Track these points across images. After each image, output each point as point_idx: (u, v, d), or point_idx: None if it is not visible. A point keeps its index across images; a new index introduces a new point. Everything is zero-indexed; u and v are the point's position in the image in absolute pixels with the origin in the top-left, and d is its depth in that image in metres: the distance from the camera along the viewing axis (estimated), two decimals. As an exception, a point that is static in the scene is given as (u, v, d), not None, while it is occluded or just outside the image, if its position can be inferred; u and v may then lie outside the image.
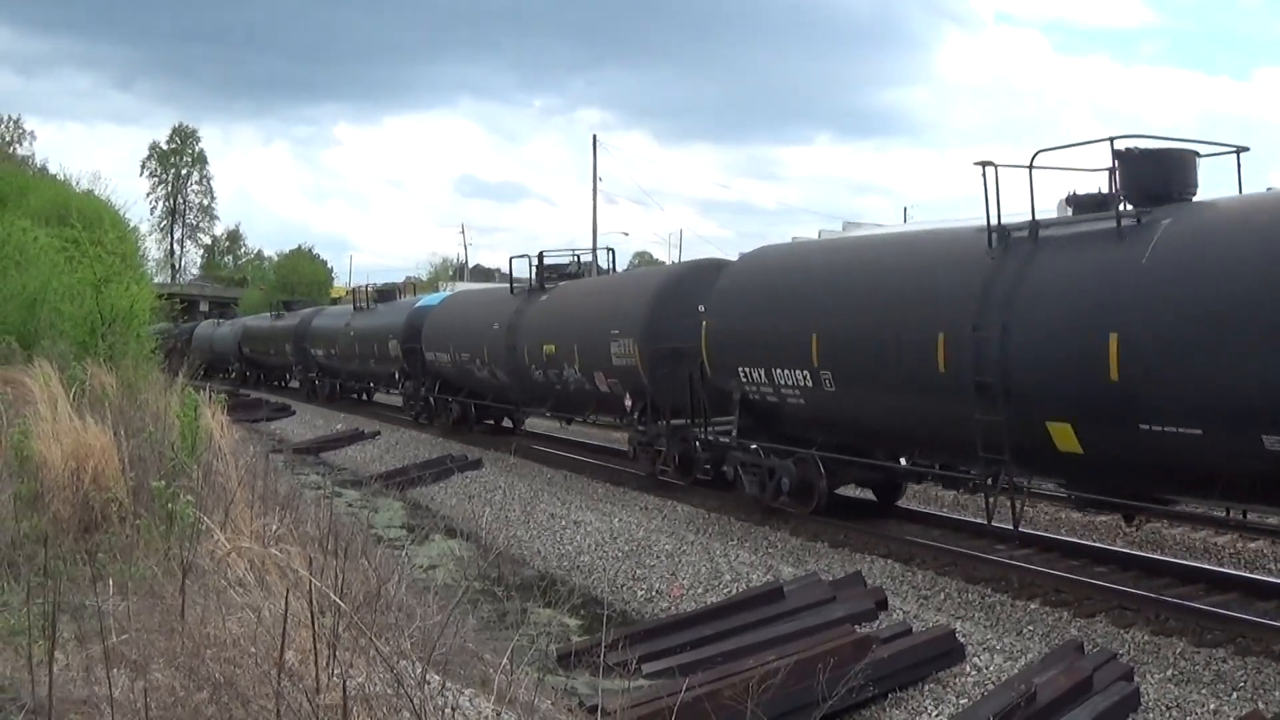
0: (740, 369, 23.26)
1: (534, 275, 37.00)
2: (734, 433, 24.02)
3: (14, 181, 51.60)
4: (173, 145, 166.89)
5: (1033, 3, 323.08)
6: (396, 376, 47.90)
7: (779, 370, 22.07)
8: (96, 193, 60.32)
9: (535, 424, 43.37)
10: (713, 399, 24.98)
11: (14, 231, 37.91)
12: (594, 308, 31.16)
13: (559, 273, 37.84)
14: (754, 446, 23.44)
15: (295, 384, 69.07)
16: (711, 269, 27.61)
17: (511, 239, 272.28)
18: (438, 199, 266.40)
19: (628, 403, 28.69)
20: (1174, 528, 20.70)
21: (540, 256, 37.70)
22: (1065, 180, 18.77)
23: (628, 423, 30.15)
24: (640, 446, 28.60)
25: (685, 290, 27.26)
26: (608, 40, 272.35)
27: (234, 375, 79.64)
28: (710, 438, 25.26)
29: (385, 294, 57.15)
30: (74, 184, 62.78)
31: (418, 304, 48.40)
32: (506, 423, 43.14)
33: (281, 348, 67.10)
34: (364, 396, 60.03)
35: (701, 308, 25.29)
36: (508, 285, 39.55)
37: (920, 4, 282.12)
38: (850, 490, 23.87)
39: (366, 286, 58.48)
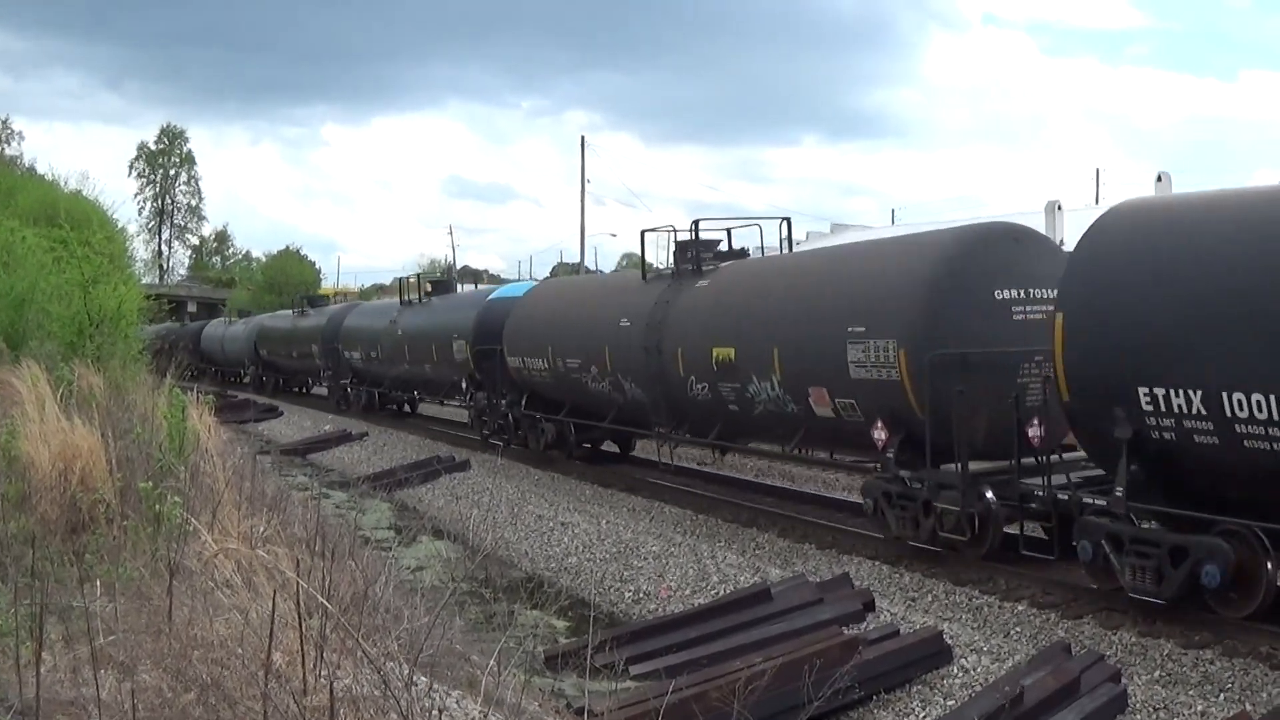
0: (1140, 390, 14.80)
1: (679, 255, 27.42)
2: (1120, 491, 15.55)
3: (2, 181, 51.60)
4: (161, 146, 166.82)
5: (1019, 4, 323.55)
6: (465, 386, 39.20)
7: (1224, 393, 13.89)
8: (85, 193, 60.05)
9: (646, 448, 32.86)
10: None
11: (2, 232, 37.83)
12: (810, 296, 21.99)
13: (710, 251, 27.64)
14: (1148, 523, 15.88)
15: (323, 391, 61.93)
16: (1009, 238, 20.06)
17: (499, 240, 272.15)
18: (425, 200, 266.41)
19: (879, 435, 19.83)
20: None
21: (695, 228, 27.51)
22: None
23: (878, 463, 20.49)
24: (896, 501, 19.84)
25: (976, 268, 19.28)
26: (596, 42, 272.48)
27: (248, 381, 74.11)
28: (1059, 494, 17.12)
29: (441, 285, 48.65)
30: (62, 184, 62.57)
31: (492, 296, 40.00)
32: (608, 446, 34.05)
33: (306, 349, 60.13)
34: (408, 408, 52.09)
35: (1051, 292, 17.67)
36: (629, 270, 35.07)
37: (907, 5, 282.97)
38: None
39: (417, 277, 48.38)
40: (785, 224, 28.55)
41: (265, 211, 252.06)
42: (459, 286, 51.17)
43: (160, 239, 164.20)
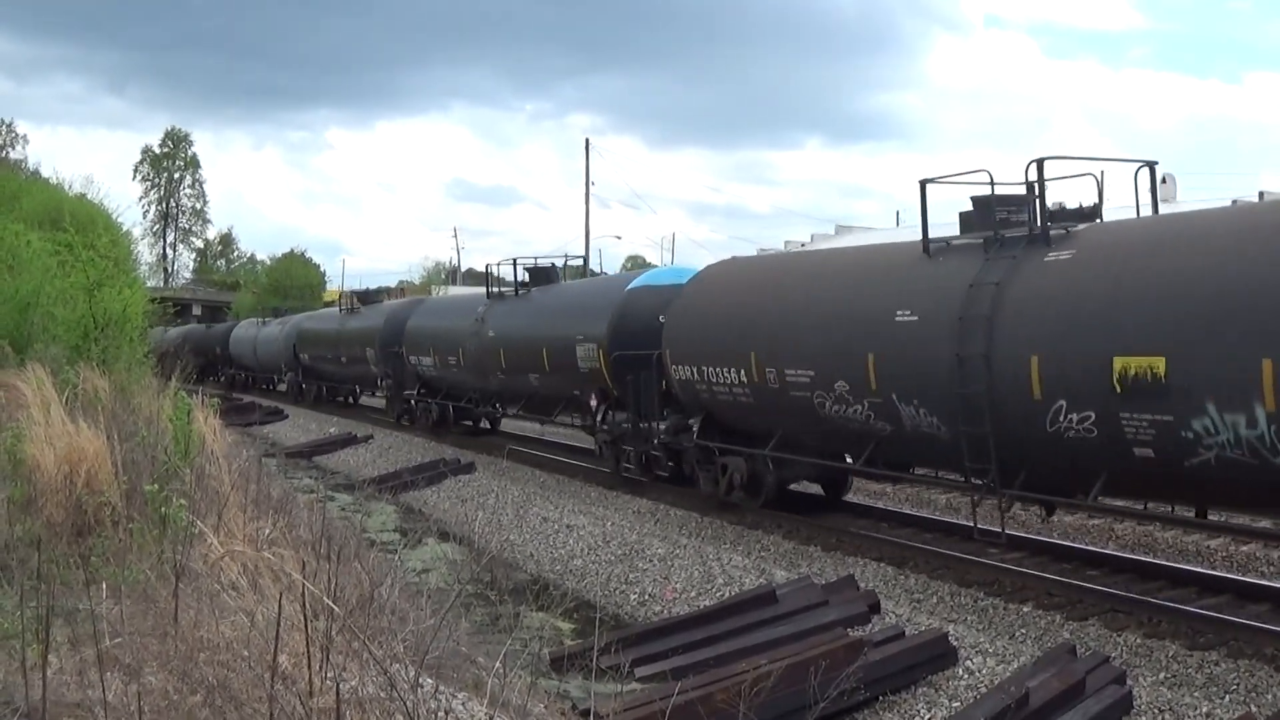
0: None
1: (982, 214, 18.85)
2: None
3: (7, 185, 51.60)
4: (165, 149, 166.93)
5: (1021, 6, 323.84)
6: (594, 404, 30.25)
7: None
8: (89, 196, 60.15)
9: (864, 489, 27.59)
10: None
11: (7, 235, 37.87)
12: None
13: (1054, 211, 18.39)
14: None
15: (378, 402, 54.05)
16: None
17: (503, 243, 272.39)
18: (429, 203, 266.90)
19: None
20: (1166, 530, 20.71)
21: (1040, 170, 18.00)
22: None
23: None
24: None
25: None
26: (599, 45, 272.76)
27: (285, 389, 67.61)
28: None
29: (541, 274, 37.49)
30: (67, 188, 62.64)
31: (635, 284, 30.37)
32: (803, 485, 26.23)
33: (358, 353, 51.16)
34: (488, 424, 44.69)
35: None
36: (887, 245, 24.95)
37: (909, 8, 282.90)
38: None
39: (513, 263, 37.87)
40: (1150, 171, 18.62)
41: (269, 214, 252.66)
42: (560, 275, 38.30)
43: (165, 242, 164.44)
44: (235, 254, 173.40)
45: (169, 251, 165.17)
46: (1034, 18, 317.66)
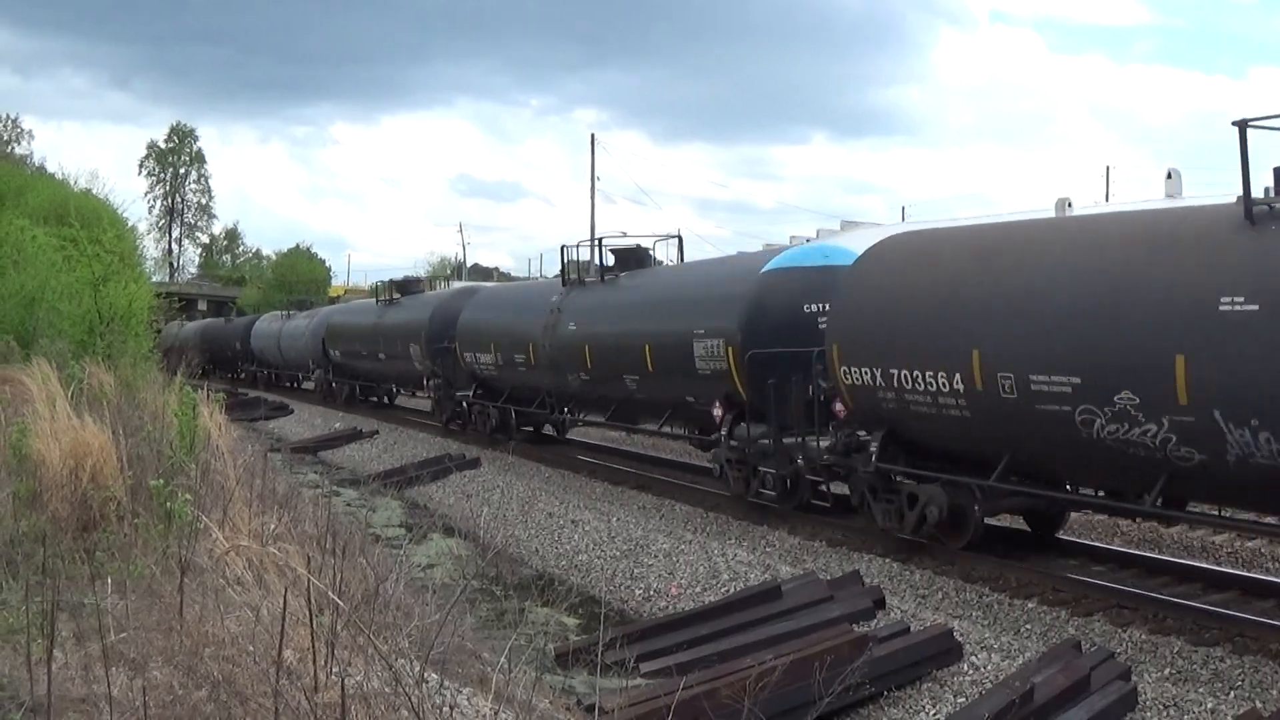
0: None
1: None
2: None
3: (12, 180, 51.47)
4: (171, 144, 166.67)
5: (1027, 2, 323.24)
6: (718, 414, 24.69)
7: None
8: (94, 192, 60.22)
9: None
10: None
11: (12, 230, 37.92)
12: None
13: None
14: None
15: (422, 402, 49.05)
16: None
17: (508, 238, 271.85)
18: (434, 198, 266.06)
19: None
20: (1171, 526, 20.68)
21: None
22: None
23: None
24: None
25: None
26: (604, 40, 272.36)
27: (314, 388, 62.08)
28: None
29: (630, 256, 32.37)
30: (72, 183, 62.66)
31: (770, 268, 24.67)
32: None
33: (400, 350, 45.89)
34: (553, 430, 39.35)
35: None
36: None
37: (915, 4, 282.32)
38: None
39: (597, 244, 33.58)
40: None
41: (275, 210, 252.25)
42: (651, 259, 32.81)
43: (170, 237, 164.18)
44: (241, 249, 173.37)
45: (174, 247, 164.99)
46: (1040, 13, 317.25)
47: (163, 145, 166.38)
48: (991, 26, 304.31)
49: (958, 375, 17.60)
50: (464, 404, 40.37)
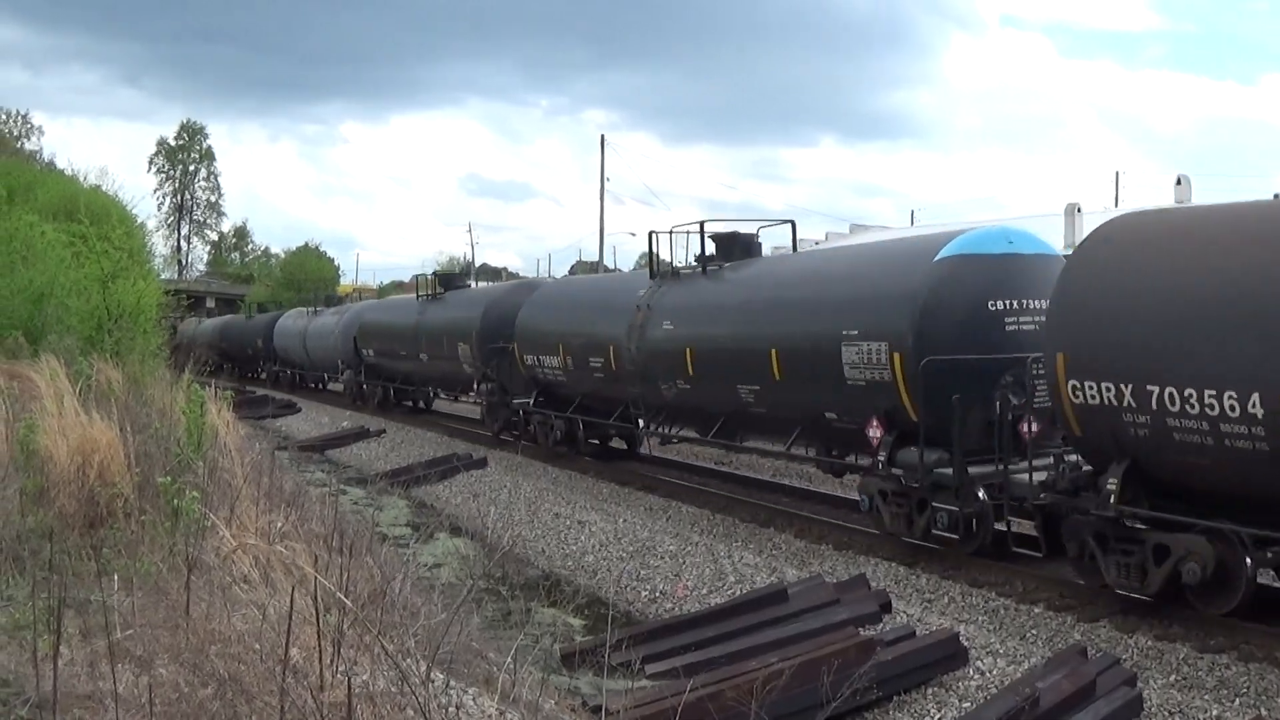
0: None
1: None
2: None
3: (22, 176, 51.54)
4: (180, 141, 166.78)
5: (1037, 6, 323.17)
6: (875, 435, 20.66)
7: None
8: (104, 188, 60.11)
9: None
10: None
11: (21, 226, 37.91)
12: None
13: None
14: None
15: (469, 408, 46.33)
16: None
17: (517, 238, 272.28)
18: (443, 198, 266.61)
19: None
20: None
21: None
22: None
23: None
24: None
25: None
26: (614, 41, 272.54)
27: (344, 389, 57.63)
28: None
29: (735, 243, 27.53)
30: (82, 179, 62.61)
31: (944, 255, 20.29)
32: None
33: (446, 350, 41.78)
34: (622, 445, 34.39)
35: None
36: None
37: (925, 7, 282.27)
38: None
39: (697, 228, 28.22)
40: None
41: (283, 208, 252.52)
42: (755, 246, 27.89)
43: (179, 234, 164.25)
44: (250, 247, 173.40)
45: (183, 244, 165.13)
46: (1050, 17, 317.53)
47: (172, 142, 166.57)
48: (1001, 30, 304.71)
49: (1256, 396, 13.78)
50: (521, 413, 35.72)
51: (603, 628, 15.95)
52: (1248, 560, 14.68)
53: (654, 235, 29.70)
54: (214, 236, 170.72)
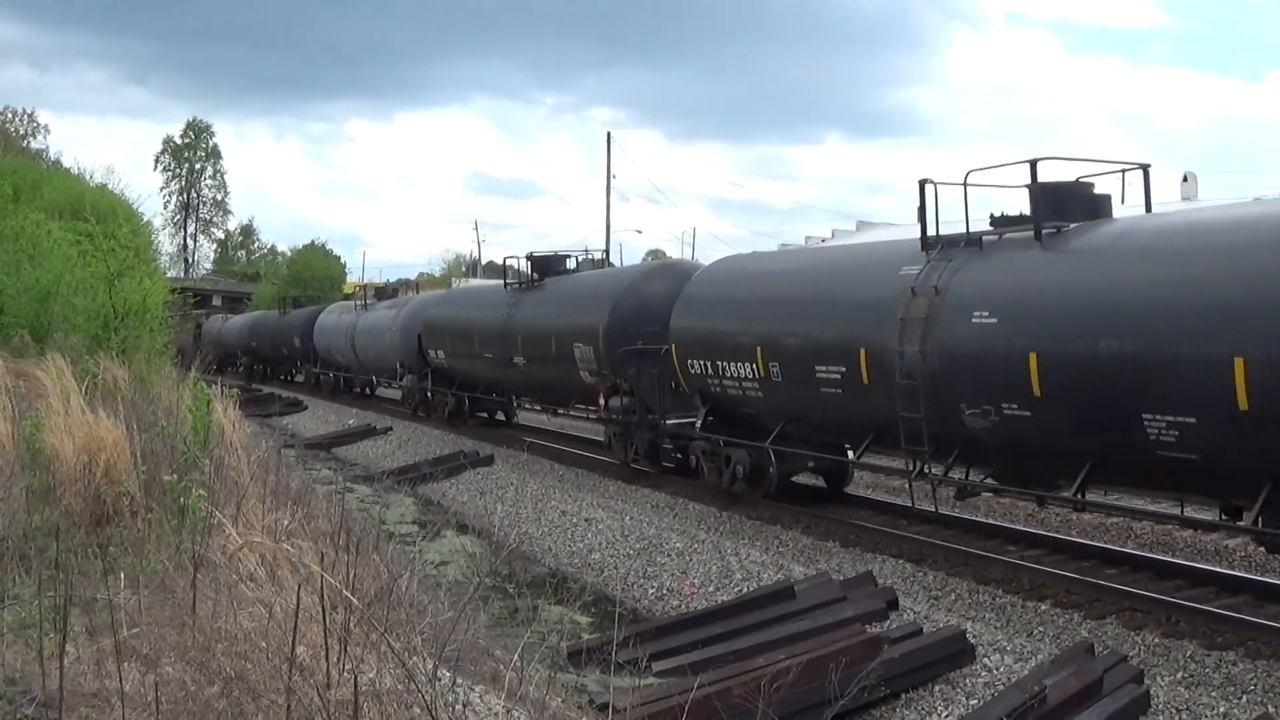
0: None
1: None
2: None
3: (28, 175, 51.62)
4: (187, 140, 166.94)
5: (1042, 3, 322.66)
6: None
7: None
8: (110, 187, 60.28)
9: None
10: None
11: (28, 225, 37.99)
12: None
13: None
14: None
15: (578, 423, 40.53)
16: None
17: (524, 236, 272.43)
18: (449, 195, 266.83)
19: None
20: (1184, 530, 20.62)
21: None
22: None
23: None
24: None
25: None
26: (621, 39, 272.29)
27: (404, 398, 48.68)
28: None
29: (1073, 197, 18.55)
30: (88, 178, 62.78)
31: None
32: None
33: (554, 353, 33.00)
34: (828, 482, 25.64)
35: None
36: None
37: (930, 5, 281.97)
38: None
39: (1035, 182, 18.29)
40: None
41: (289, 206, 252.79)
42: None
43: (185, 233, 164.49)
44: (256, 245, 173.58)
45: (189, 242, 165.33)
46: (1056, 15, 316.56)
47: (179, 141, 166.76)
48: (1007, 28, 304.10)
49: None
50: (671, 438, 28.30)
51: (609, 625, 15.92)
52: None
53: (927, 186, 19.90)
54: (220, 235, 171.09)
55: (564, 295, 35.00)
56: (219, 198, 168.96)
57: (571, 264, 38.78)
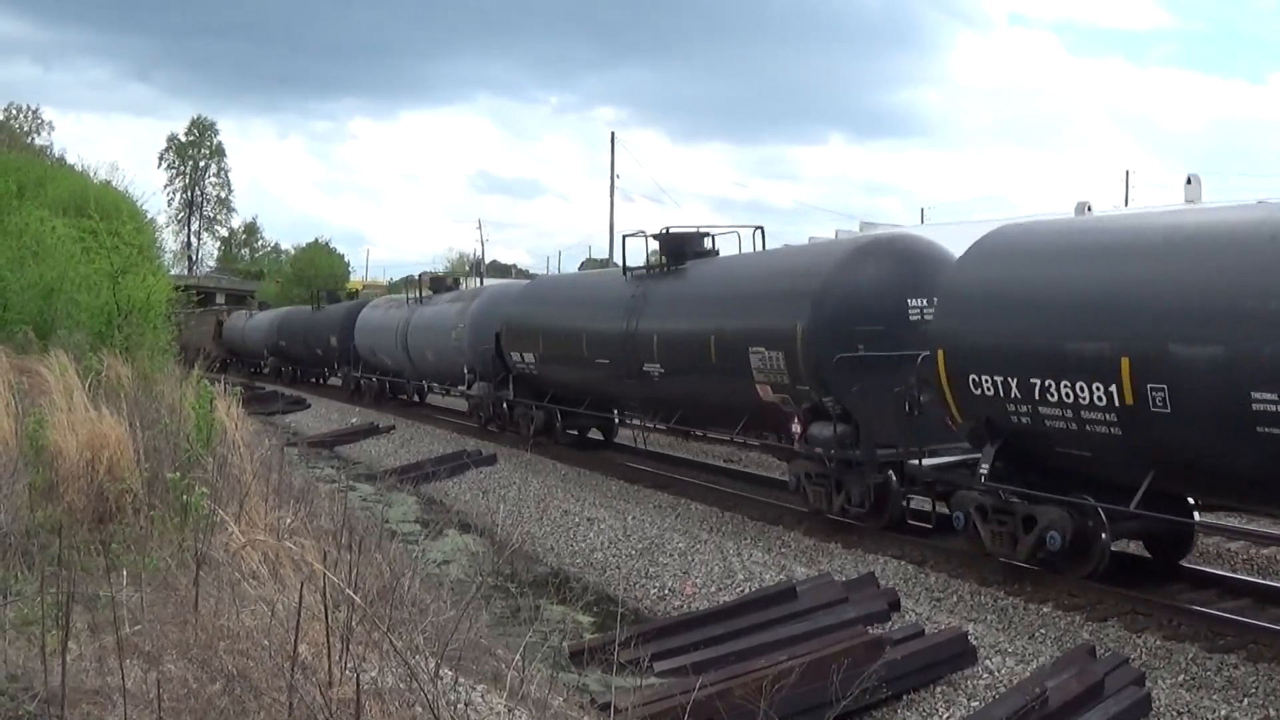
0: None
1: None
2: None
3: (32, 172, 51.60)
4: (191, 137, 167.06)
5: (1045, 4, 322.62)
6: None
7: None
8: (114, 184, 60.24)
9: None
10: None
11: (32, 222, 37.99)
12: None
13: None
14: None
15: (713, 446, 33.99)
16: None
17: (526, 235, 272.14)
18: (452, 194, 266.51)
19: None
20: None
21: None
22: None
23: None
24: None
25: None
26: (623, 38, 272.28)
27: (475, 410, 40.18)
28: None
29: None
30: (92, 175, 62.74)
31: None
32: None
33: (712, 361, 24.98)
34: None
35: None
36: None
37: (933, 5, 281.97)
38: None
39: None
40: None
41: (293, 204, 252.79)
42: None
43: (189, 230, 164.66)
44: (260, 243, 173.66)
45: (193, 240, 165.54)
46: (1058, 16, 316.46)
47: (183, 138, 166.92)
48: (1010, 29, 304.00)
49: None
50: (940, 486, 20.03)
51: (611, 625, 15.94)
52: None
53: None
54: (224, 232, 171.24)
55: (723, 283, 26.63)
56: (223, 195, 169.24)
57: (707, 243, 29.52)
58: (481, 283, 49.44)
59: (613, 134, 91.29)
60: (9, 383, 20.92)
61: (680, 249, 28.99)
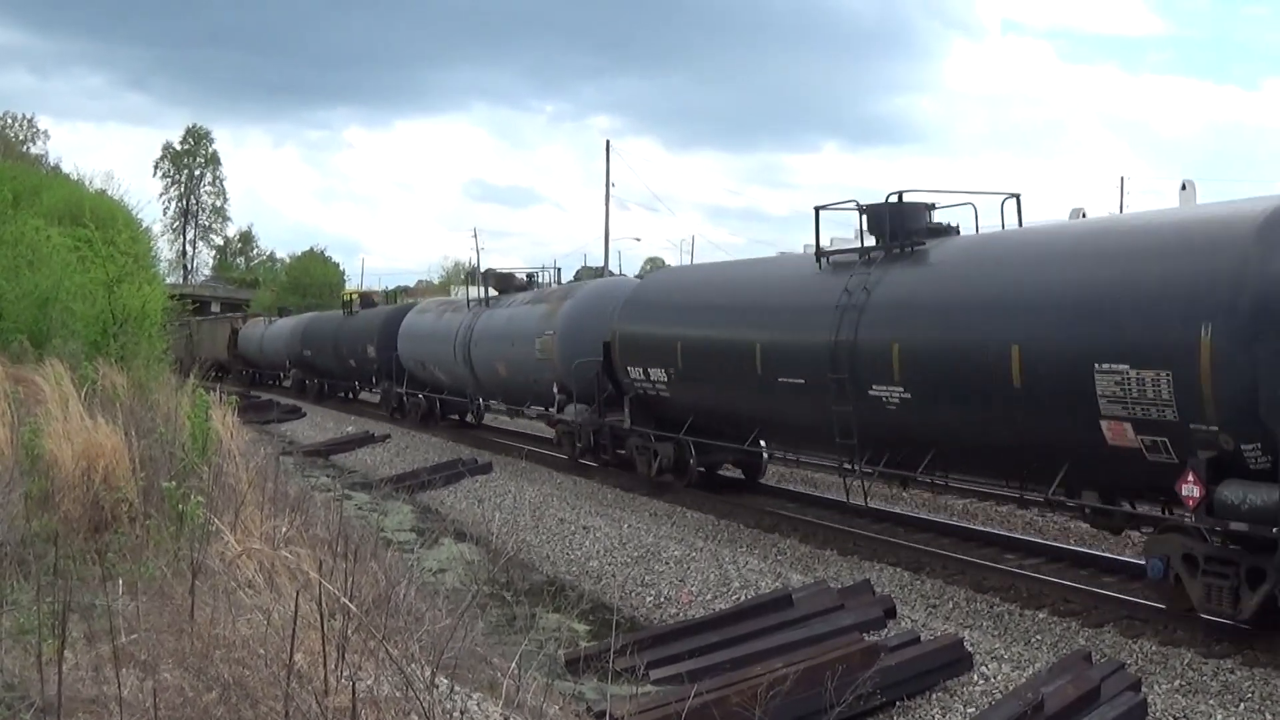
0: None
1: None
2: None
3: (28, 180, 51.63)
4: (186, 146, 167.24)
5: (1039, 11, 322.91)
6: None
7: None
8: (109, 193, 60.34)
9: None
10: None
11: (27, 230, 38.02)
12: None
13: None
14: None
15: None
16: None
17: (521, 243, 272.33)
18: (447, 203, 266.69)
19: None
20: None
21: None
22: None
23: None
24: None
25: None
26: (619, 47, 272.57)
27: (563, 438, 32.65)
28: None
29: None
30: (87, 183, 62.81)
31: None
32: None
33: (1018, 386, 16.68)
34: None
35: None
36: None
37: (927, 12, 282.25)
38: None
39: None
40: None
41: (287, 213, 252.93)
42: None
43: (185, 239, 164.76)
44: (255, 251, 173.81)
45: (189, 249, 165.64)
46: (1052, 23, 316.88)
47: (178, 147, 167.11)
48: (1004, 36, 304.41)
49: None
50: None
51: (607, 633, 15.93)
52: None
53: None
54: (219, 241, 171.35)
55: (1021, 269, 18.07)
56: (218, 204, 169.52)
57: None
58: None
59: (608, 142, 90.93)
60: (5, 392, 20.95)
61: (907, 224, 21.12)
